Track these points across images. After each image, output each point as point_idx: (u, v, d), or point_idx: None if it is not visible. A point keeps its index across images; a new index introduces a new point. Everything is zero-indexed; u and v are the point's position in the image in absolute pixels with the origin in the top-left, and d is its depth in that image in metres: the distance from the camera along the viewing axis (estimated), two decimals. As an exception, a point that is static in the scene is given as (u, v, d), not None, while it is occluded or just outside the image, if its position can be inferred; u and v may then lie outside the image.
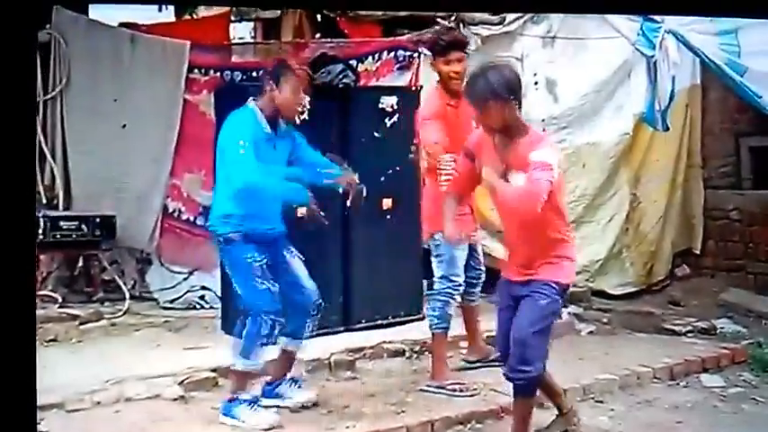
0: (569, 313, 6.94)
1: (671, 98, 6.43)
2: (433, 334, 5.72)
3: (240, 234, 4.91)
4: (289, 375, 5.26)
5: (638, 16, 6.18)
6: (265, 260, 4.95)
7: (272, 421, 4.89)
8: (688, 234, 8.46)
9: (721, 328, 7.12)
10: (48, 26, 7.75)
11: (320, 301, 5.15)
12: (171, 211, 7.89)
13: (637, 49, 6.40)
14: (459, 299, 5.77)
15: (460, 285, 5.70)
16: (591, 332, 7.02)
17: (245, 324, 4.93)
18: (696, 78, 8.07)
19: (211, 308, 7.28)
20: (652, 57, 6.28)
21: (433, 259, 5.77)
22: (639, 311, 7.41)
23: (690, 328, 7.05)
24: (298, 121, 5.33)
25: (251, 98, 5.07)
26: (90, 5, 8.31)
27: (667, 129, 6.69)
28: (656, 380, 6.00)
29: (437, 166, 5.46)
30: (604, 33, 7.55)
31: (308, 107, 5.60)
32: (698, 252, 8.46)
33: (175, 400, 5.17)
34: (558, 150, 4.69)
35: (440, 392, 5.49)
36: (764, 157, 8.13)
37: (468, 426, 5.05)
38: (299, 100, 5.13)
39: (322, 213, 4.96)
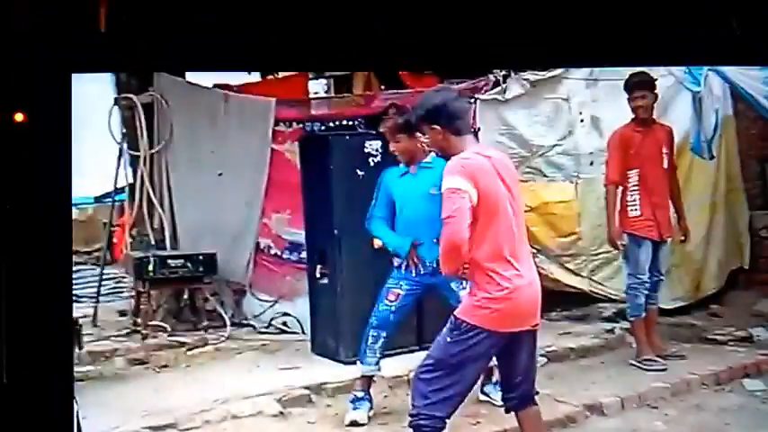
0: (621, 329, 6.75)
1: (715, 129, 6.26)
2: (630, 321, 6.29)
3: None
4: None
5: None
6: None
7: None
8: (738, 252, 8.13)
9: (758, 336, 6.82)
10: (150, 89, 7.84)
11: None
12: (262, 247, 7.87)
13: (684, 85, 6.25)
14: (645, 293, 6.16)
15: (645, 282, 6.13)
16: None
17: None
18: (729, 110, 7.82)
19: (293, 333, 7.16)
20: (698, 92, 6.13)
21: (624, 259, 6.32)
22: (684, 323, 7.17)
23: (730, 337, 6.80)
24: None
25: None
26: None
27: (712, 157, 6.52)
28: (703, 386, 5.83)
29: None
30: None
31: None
32: (746, 268, 8.11)
33: (275, 416, 5.08)
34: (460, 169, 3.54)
35: (637, 366, 6.07)
36: (788, 180, 7.87)
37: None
38: None
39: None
